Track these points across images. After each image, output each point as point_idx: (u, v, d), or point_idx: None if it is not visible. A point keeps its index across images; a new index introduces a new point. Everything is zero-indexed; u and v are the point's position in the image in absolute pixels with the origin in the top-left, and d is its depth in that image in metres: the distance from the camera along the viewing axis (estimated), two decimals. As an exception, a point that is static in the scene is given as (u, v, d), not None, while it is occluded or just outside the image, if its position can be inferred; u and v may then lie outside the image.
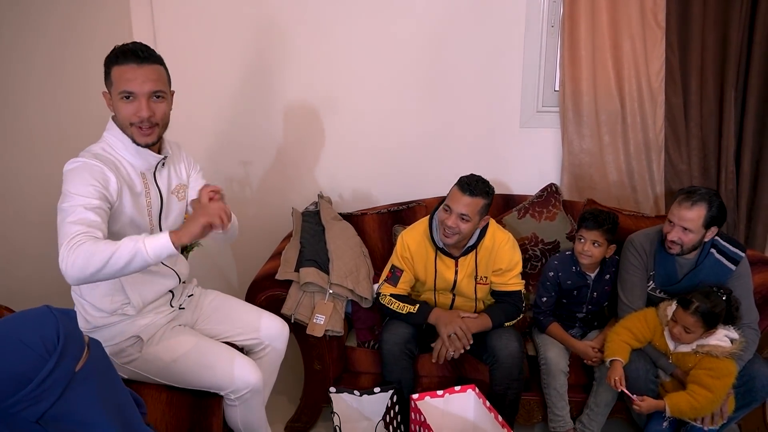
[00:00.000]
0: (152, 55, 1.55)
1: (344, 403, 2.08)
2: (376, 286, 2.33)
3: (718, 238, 2.01)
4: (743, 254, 2.00)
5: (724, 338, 1.89)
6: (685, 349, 1.94)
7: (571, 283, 2.19)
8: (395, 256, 2.21)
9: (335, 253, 2.31)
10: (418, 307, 2.14)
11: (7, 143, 2.11)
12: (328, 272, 2.26)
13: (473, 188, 1.99)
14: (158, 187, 1.68)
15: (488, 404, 1.94)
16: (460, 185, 2.03)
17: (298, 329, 2.17)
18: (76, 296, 1.68)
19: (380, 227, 2.61)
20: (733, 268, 1.99)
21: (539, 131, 2.69)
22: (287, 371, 2.20)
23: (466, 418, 2.05)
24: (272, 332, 1.94)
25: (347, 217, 2.60)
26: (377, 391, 2.08)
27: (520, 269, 2.18)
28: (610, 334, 2.04)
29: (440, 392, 2.01)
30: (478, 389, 2.02)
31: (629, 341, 1.99)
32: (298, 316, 2.13)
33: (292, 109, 2.81)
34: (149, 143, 1.58)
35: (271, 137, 2.86)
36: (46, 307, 1.05)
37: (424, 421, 1.87)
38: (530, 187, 2.63)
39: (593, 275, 2.20)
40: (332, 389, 2.08)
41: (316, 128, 2.82)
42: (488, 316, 2.13)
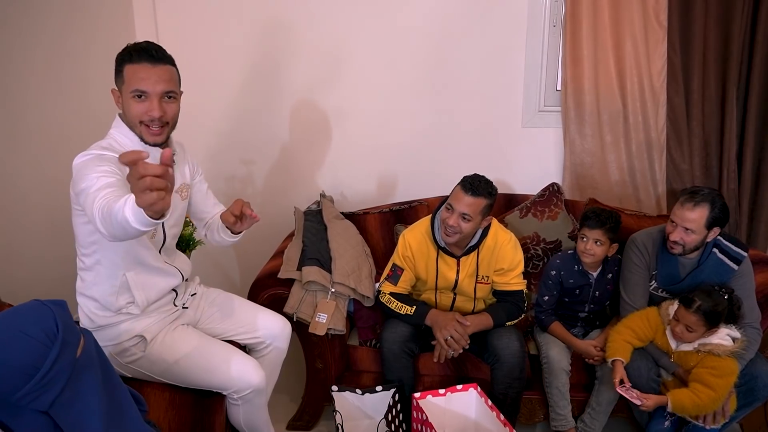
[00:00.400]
0: (165, 55, 1.57)
1: (346, 401, 2.09)
2: (377, 285, 2.34)
3: (720, 237, 2.01)
4: (746, 254, 2.00)
5: (726, 337, 1.89)
6: (687, 348, 1.94)
7: (573, 282, 2.20)
8: (397, 254, 2.22)
9: (337, 252, 2.32)
10: (414, 309, 2.14)
11: (8, 142, 2.11)
12: (330, 271, 2.27)
13: (476, 188, 1.99)
14: None
15: (490, 403, 1.94)
16: (463, 185, 2.03)
17: (300, 328, 2.17)
18: (81, 297, 1.69)
19: (382, 226, 2.61)
20: (735, 267, 1.99)
21: (541, 130, 2.69)
22: (289, 370, 2.20)
23: (467, 417, 2.05)
24: (274, 331, 1.95)
25: (349, 216, 2.60)
26: (379, 389, 2.08)
27: (522, 269, 2.18)
28: (612, 333, 2.05)
29: (442, 391, 2.02)
30: (479, 388, 2.03)
31: (631, 340, 1.99)
32: (300, 314, 2.14)
33: (294, 108, 2.81)
34: (158, 143, 1.58)
35: (273, 136, 2.86)
36: (36, 300, 1.05)
37: (426, 419, 1.88)
38: (532, 186, 2.63)
39: (595, 274, 2.20)
40: (334, 388, 2.08)
41: (318, 127, 2.82)
42: (489, 315, 2.14)
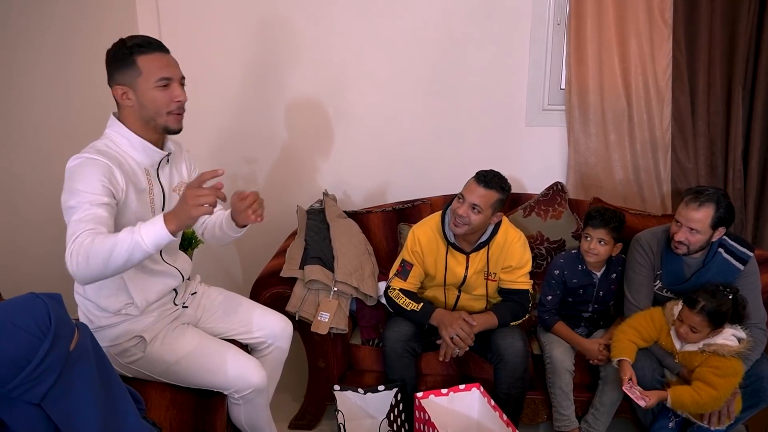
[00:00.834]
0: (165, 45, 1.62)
1: (348, 400, 2.08)
2: (381, 284, 2.34)
3: (726, 237, 1.99)
4: (751, 254, 1.99)
5: (731, 337, 1.87)
6: (691, 348, 1.93)
7: (576, 281, 2.18)
8: (406, 250, 2.21)
9: (340, 250, 2.31)
10: (421, 306, 2.14)
11: (11, 141, 2.11)
12: (332, 270, 2.26)
13: (489, 181, 2.02)
14: (161, 183, 1.68)
15: (493, 403, 1.93)
16: (476, 176, 2.06)
17: (302, 327, 2.17)
18: (79, 297, 1.68)
19: (385, 225, 2.60)
20: (741, 267, 1.97)
21: (545, 129, 2.68)
22: (291, 369, 2.20)
23: (470, 416, 2.04)
24: (276, 330, 1.94)
25: (352, 215, 2.59)
26: (381, 389, 2.07)
27: (529, 268, 2.18)
28: (616, 333, 2.03)
29: (445, 391, 2.01)
30: (482, 388, 2.02)
31: (635, 340, 1.98)
32: (302, 313, 2.13)
33: (297, 106, 2.80)
34: (181, 129, 1.61)
35: (276, 134, 2.86)
36: (31, 293, 1.06)
37: (428, 419, 1.87)
38: (536, 185, 2.62)
39: (599, 274, 2.19)
40: (336, 387, 2.07)
41: (321, 126, 2.82)
42: (494, 314, 2.13)
